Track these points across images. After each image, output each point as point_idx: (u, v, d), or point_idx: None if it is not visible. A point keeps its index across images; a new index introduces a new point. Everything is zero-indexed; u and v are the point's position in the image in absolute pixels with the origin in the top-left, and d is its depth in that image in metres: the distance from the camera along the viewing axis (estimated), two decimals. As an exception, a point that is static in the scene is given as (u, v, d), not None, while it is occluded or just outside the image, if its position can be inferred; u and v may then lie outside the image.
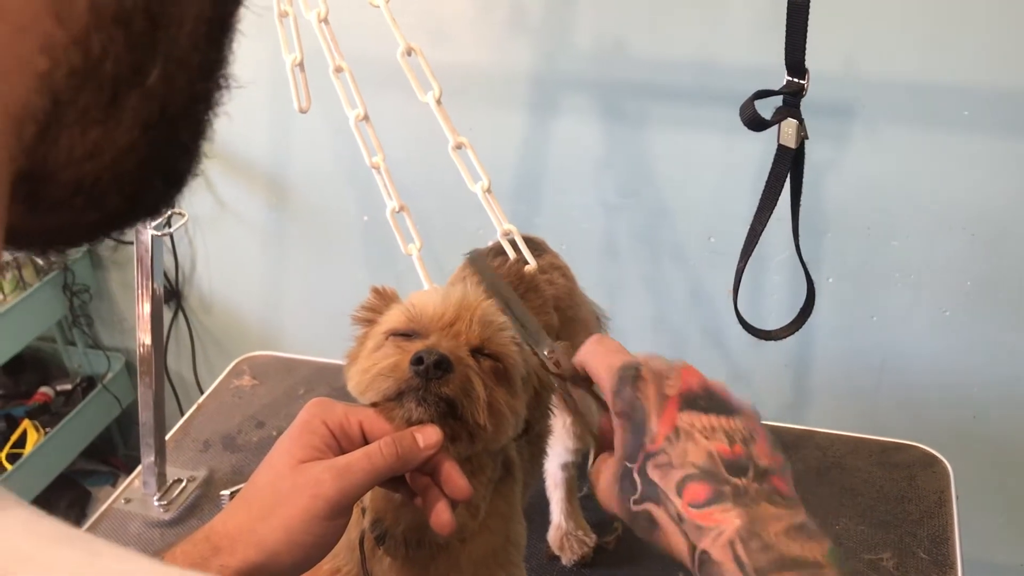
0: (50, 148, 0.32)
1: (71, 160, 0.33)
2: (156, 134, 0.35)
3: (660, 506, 0.61)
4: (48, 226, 0.36)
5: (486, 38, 1.72)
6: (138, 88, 0.33)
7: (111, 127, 0.33)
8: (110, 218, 0.37)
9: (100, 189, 0.35)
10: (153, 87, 0.33)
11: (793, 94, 0.95)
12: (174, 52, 0.33)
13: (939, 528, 1.26)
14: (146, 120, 0.34)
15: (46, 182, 0.33)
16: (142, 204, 0.38)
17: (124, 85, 0.32)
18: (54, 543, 0.28)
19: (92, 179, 0.34)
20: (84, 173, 0.34)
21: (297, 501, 0.65)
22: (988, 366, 1.75)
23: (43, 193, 0.34)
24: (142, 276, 1.24)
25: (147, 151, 0.35)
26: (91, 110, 0.32)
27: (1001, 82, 1.50)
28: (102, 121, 0.33)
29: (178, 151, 0.38)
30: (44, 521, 0.29)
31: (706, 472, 0.60)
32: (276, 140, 1.94)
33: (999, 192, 1.59)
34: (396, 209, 1.08)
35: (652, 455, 0.62)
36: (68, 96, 0.31)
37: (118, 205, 0.36)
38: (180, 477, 1.37)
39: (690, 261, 1.82)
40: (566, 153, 1.79)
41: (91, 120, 0.32)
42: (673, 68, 1.65)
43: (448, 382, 0.70)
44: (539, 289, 1.02)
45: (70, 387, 2.36)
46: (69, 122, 0.32)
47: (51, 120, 0.31)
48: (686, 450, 0.61)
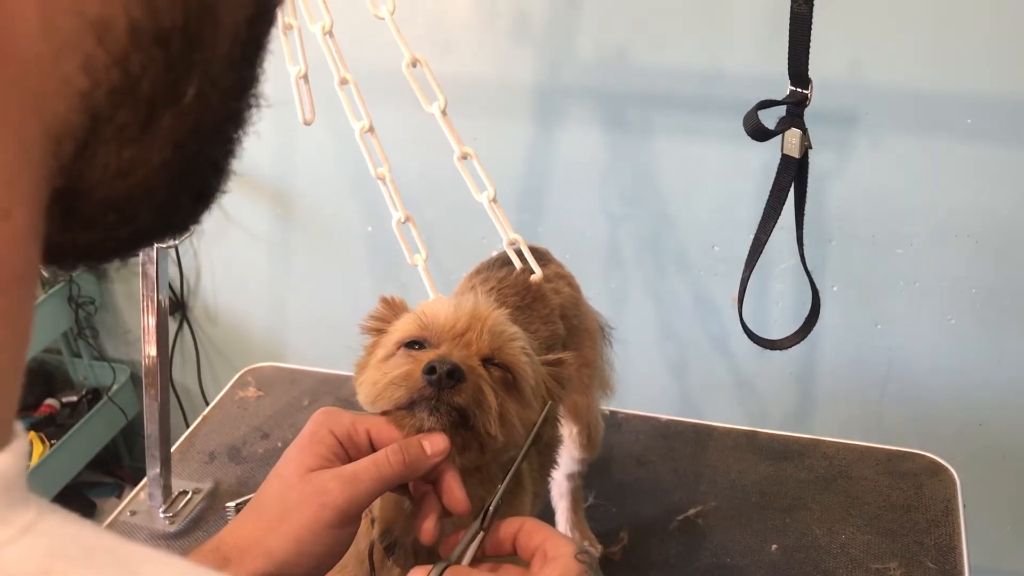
0: (86, 166, 0.33)
1: (105, 178, 0.34)
2: (188, 152, 0.35)
3: None
4: (80, 242, 0.36)
5: (490, 49, 1.73)
6: (174, 107, 0.33)
7: (146, 145, 0.34)
8: (140, 234, 0.38)
9: (132, 206, 0.35)
10: (188, 106, 0.34)
11: (796, 104, 0.95)
12: (209, 72, 0.34)
13: (946, 537, 1.26)
14: (179, 138, 0.34)
15: (81, 199, 0.34)
16: (172, 221, 0.39)
17: (160, 104, 0.33)
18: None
19: (125, 196, 0.35)
20: (117, 190, 0.34)
21: (306, 510, 0.65)
22: (994, 374, 1.75)
23: (77, 210, 0.34)
24: (147, 288, 1.24)
25: (179, 169, 0.36)
26: (128, 128, 0.33)
27: (1004, 90, 1.51)
28: (137, 139, 0.33)
29: (208, 169, 0.38)
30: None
31: None
32: (280, 152, 1.94)
33: (1003, 200, 1.59)
34: (402, 220, 1.08)
35: None
36: (106, 114, 0.32)
37: (149, 222, 0.37)
38: (185, 489, 1.37)
39: (694, 270, 1.82)
40: (570, 163, 1.79)
41: (127, 138, 0.33)
42: (676, 78, 1.66)
43: (460, 392, 0.70)
44: (545, 298, 1.03)
45: (75, 399, 2.37)
46: (106, 140, 0.32)
47: (89, 138, 0.32)
48: None
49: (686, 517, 1.30)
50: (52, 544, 0.28)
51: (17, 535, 0.28)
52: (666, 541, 1.27)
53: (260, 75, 0.37)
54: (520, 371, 0.76)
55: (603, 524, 1.30)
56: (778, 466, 1.39)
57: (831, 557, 1.23)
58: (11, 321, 0.30)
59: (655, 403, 1.61)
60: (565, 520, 1.25)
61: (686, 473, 1.39)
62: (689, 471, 1.39)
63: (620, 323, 1.35)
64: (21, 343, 0.31)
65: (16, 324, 0.31)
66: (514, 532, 0.69)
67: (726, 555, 1.24)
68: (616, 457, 1.41)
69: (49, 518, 0.29)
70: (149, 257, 1.23)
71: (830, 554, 1.23)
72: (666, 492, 1.34)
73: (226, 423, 1.52)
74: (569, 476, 1.24)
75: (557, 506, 1.26)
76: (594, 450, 1.23)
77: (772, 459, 1.41)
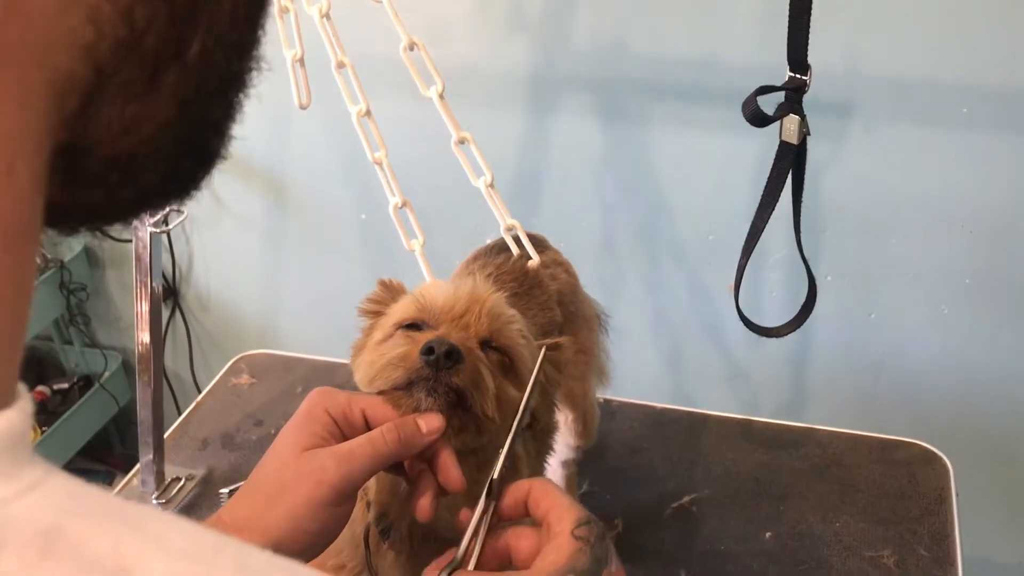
0: (90, 122, 0.33)
1: (109, 134, 0.33)
2: (192, 111, 0.35)
3: None
4: (82, 203, 0.36)
5: (484, 37, 1.72)
6: (178, 63, 0.33)
7: (150, 102, 0.33)
8: (143, 196, 0.37)
9: (135, 165, 0.35)
10: (192, 63, 0.34)
11: (795, 90, 0.95)
12: (214, 28, 0.34)
13: (939, 525, 1.26)
14: (183, 96, 0.34)
15: (84, 157, 0.34)
16: (174, 183, 0.39)
17: (165, 59, 0.33)
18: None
19: (128, 155, 0.34)
20: (121, 148, 0.34)
21: (301, 488, 0.65)
22: (987, 363, 1.75)
23: (80, 168, 0.34)
24: (140, 274, 1.24)
25: (182, 128, 0.35)
26: (132, 84, 0.32)
27: (1000, 80, 1.51)
28: (142, 95, 0.33)
29: (211, 130, 0.38)
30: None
31: None
32: (274, 138, 1.93)
33: (998, 190, 1.59)
34: (399, 204, 1.08)
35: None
36: (111, 68, 0.32)
37: (151, 183, 0.37)
38: (179, 476, 1.36)
39: (689, 259, 1.82)
40: (565, 152, 1.79)
41: (131, 94, 0.33)
42: (671, 66, 1.65)
43: (458, 372, 0.70)
44: (543, 285, 1.02)
45: (67, 386, 2.36)
46: (110, 95, 0.32)
47: (93, 92, 0.32)
48: None
49: (680, 505, 1.30)
50: (60, 501, 0.28)
51: (25, 490, 0.28)
52: (660, 528, 1.27)
53: (262, 37, 0.37)
54: (518, 354, 0.76)
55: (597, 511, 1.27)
56: (772, 454, 1.40)
57: (825, 545, 1.23)
58: (14, 278, 0.30)
59: (649, 392, 1.60)
60: (560, 507, 1.25)
61: (680, 461, 1.39)
62: (683, 459, 1.39)
63: (615, 312, 1.35)
64: (24, 301, 0.31)
65: (19, 281, 0.30)
66: (523, 497, 0.70)
67: (720, 542, 1.24)
68: (610, 445, 1.41)
69: (56, 477, 0.29)
70: (142, 243, 1.22)
71: (824, 542, 1.23)
72: (660, 480, 1.35)
73: (219, 410, 1.52)
74: (564, 463, 1.24)
75: (552, 493, 1.26)
76: (590, 438, 1.23)
77: (766, 447, 1.41)
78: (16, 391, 0.30)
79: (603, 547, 0.64)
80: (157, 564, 0.28)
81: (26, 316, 0.31)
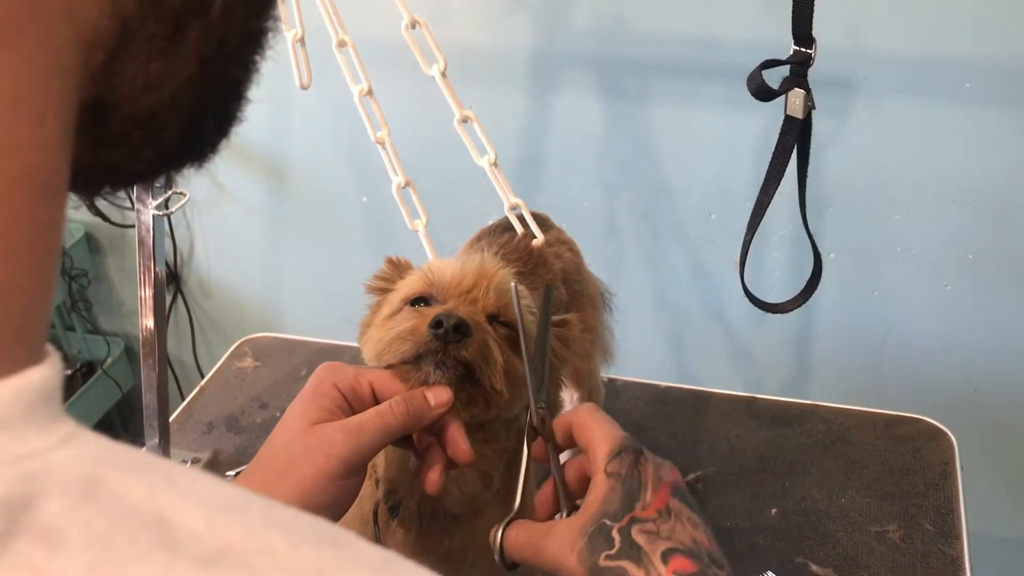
0: (116, 78, 0.33)
1: (133, 91, 0.33)
2: (213, 70, 0.35)
3: (639, 567, 0.61)
4: (103, 162, 0.36)
5: (484, 16, 1.71)
6: (200, 19, 0.33)
7: (172, 59, 0.34)
8: (163, 156, 0.38)
9: (158, 123, 0.35)
10: (215, 20, 0.34)
11: (800, 64, 0.95)
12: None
13: (944, 500, 1.27)
14: (205, 54, 0.34)
15: (108, 114, 0.34)
16: (194, 143, 0.39)
17: (188, 15, 0.33)
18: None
19: (151, 113, 0.35)
20: (144, 106, 0.34)
21: (311, 462, 0.66)
22: (991, 339, 1.75)
23: (104, 126, 0.34)
24: (143, 258, 1.23)
25: (203, 87, 0.36)
26: (156, 39, 0.33)
27: (1003, 54, 1.50)
28: (165, 52, 0.33)
29: (230, 90, 0.38)
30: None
31: (692, 552, 0.62)
32: (274, 122, 1.92)
33: (1001, 165, 1.59)
34: (402, 184, 1.07)
35: (640, 520, 0.63)
36: (136, 23, 0.32)
37: (173, 142, 0.37)
38: (184, 459, 1.37)
39: (691, 238, 1.81)
40: (566, 131, 1.78)
41: (155, 50, 0.33)
42: (673, 44, 1.64)
43: (466, 346, 0.71)
44: (547, 263, 1.02)
45: (70, 372, 2.35)
46: (134, 51, 0.32)
47: (119, 48, 0.32)
48: (674, 528, 0.63)
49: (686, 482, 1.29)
50: (95, 453, 0.29)
51: (60, 442, 0.28)
52: (666, 506, 1.27)
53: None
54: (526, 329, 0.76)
55: (603, 490, 1.30)
56: (777, 431, 1.40)
57: (830, 520, 1.23)
58: (45, 232, 0.30)
59: (652, 372, 1.60)
60: (566, 486, 1.25)
61: (685, 439, 1.39)
62: (688, 437, 1.39)
63: (618, 292, 1.35)
64: (54, 257, 0.31)
65: (50, 236, 0.31)
66: (569, 431, 0.71)
67: (726, 518, 1.24)
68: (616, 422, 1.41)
69: (86, 432, 0.30)
70: (145, 226, 1.22)
71: (829, 517, 1.24)
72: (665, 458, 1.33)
73: (224, 393, 1.52)
74: (570, 442, 1.24)
75: (558, 472, 1.26)
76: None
77: (771, 424, 1.41)
78: (46, 348, 0.31)
79: (635, 479, 0.64)
80: (193, 513, 0.28)
81: (55, 272, 0.32)
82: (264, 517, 0.29)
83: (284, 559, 0.28)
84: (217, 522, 0.28)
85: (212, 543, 0.27)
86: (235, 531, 0.28)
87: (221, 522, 0.28)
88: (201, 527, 0.28)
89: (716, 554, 0.63)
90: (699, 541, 0.63)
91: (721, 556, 0.63)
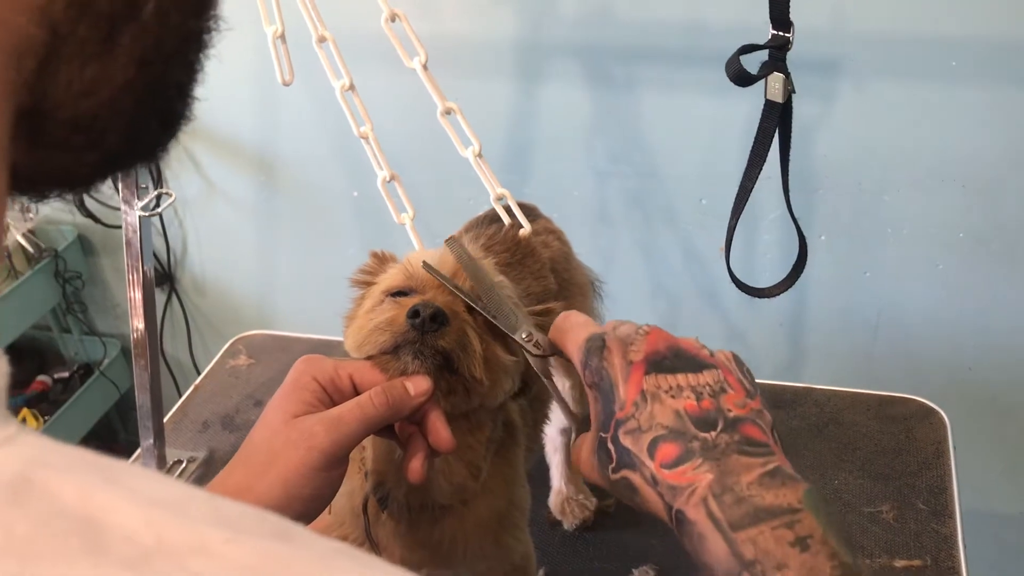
0: (49, 83, 0.33)
1: (69, 96, 0.34)
2: (151, 72, 0.35)
3: (636, 471, 0.60)
4: (48, 166, 0.36)
5: (470, 7, 1.71)
6: (134, 22, 0.33)
7: (108, 63, 0.34)
8: (109, 159, 0.38)
9: (99, 127, 0.35)
10: (148, 22, 0.34)
11: (779, 48, 0.95)
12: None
13: (937, 479, 1.27)
14: (141, 57, 0.34)
15: (46, 119, 0.34)
16: (139, 145, 0.39)
17: (119, 19, 0.33)
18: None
19: (90, 116, 0.35)
20: (82, 110, 0.34)
21: (292, 455, 0.66)
22: (982, 317, 1.75)
23: (43, 131, 0.34)
24: (131, 259, 1.23)
25: (143, 89, 0.36)
26: (88, 44, 0.33)
27: (988, 32, 1.50)
28: (99, 56, 0.33)
29: (172, 91, 0.38)
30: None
31: (675, 431, 0.59)
32: (263, 118, 1.92)
33: (989, 143, 1.59)
34: (387, 178, 1.07)
35: (622, 422, 0.61)
36: (66, 29, 0.32)
37: (116, 145, 0.37)
38: (180, 458, 1.37)
39: (682, 224, 1.82)
40: (555, 121, 1.78)
41: (89, 55, 0.33)
42: (659, 30, 1.64)
43: (444, 335, 0.71)
44: (535, 253, 1.02)
45: (67, 374, 2.36)
46: (67, 56, 0.33)
47: (50, 54, 0.32)
48: (653, 412, 0.60)
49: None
50: (30, 454, 0.29)
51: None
52: (660, 492, 1.27)
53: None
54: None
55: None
56: (770, 414, 1.40)
57: (824, 502, 1.24)
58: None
59: (646, 358, 1.61)
60: (560, 475, 1.26)
61: (679, 425, 1.39)
62: (682, 423, 1.39)
63: (610, 280, 1.35)
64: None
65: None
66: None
67: None
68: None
69: (29, 434, 0.29)
70: (132, 228, 1.22)
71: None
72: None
73: (218, 392, 1.52)
74: (563, 430, 1.24)
75: (551, 460, 1.27)
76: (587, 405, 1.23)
77: (764, 408, 1.41)
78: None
79: (606, 380, 0.63)
80: (130, 512, 0.28)
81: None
82: (206, 513, 0.29)
83: (220, 555, 0.28)
84: (154, 520, 0.28)
85: (145, 543, 0.27)
86: (171, 529, 0.28)
87: (158, 520, 0.28)
88: (136, 526, 0.27)
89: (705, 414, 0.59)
90: (682, 411, 0.59)
91: (714, 410, 0.59)
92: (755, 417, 0.60)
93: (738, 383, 0.62)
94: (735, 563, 0.54)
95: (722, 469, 0.57)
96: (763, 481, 0.56)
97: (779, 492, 0.56)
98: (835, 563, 0.53)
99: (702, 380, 0.61)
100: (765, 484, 0.56)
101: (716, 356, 0.64)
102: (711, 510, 0.56)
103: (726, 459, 0.57)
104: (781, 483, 0.56)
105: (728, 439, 0.58)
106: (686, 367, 0.62)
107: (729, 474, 0.57)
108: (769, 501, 0.55)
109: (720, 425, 0.59)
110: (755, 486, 0.56)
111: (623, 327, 0.66)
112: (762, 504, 0.55)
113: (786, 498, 0.55)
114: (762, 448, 0.59)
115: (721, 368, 0.62)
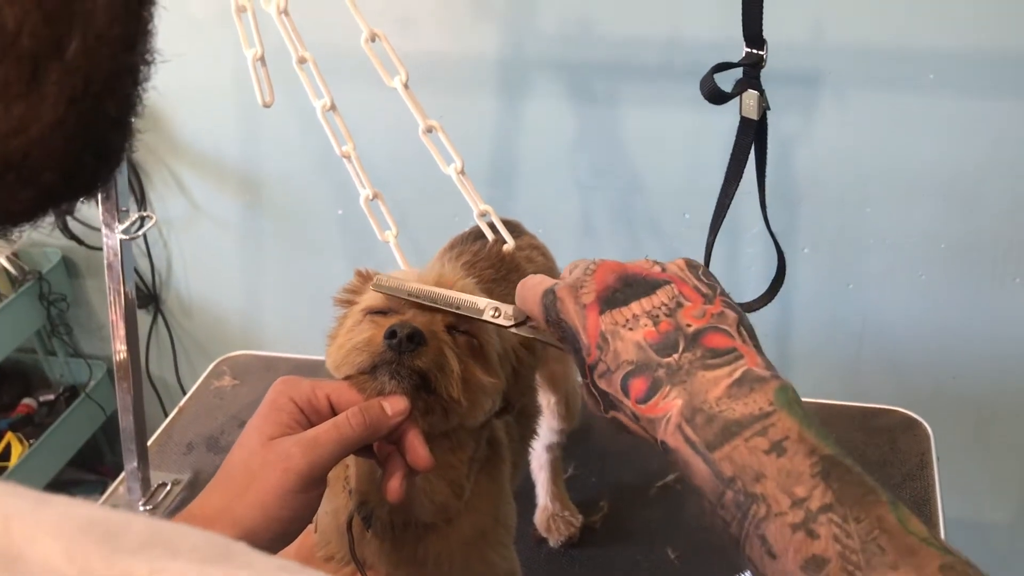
0: None
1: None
2: (83, 108, 0.35)
3: (619, 412, 0.60)
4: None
5: (451, 24, 1.72)
6: (58, 61, 0.33)
7: (35, 102, 0.34)
8: (47, 195, 0.37)
9: (31, 165, 0.35)
10: (74, 60, 0.34)
11: (753, 65, 0.95)
12: (92, 25, 0.34)
13: (921, 490, 1.28)
14: (71, 94, 0.34)
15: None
16: (77, 180, 0.38)
17: (44, 59, 0.33)
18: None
19: (21, 155, 0.35)
20: (12, 149, 0.34)
21: (269, 477, 0.66)
22: (966, 327, 1.77)
23: None
24: (113, 281, 1.23)
25: (75, 126, 0.35)
26: (12, 84, 0.33)
27: (965, 44, 1.51)
28: (24, 95, 0.33)
29: (108, 126, 0.38)
30: None
31: (640, 364, 0.58)
32: (246, 138, 1.92)
33: (968, 153, 1.60)
34: (370, 197, 1.07)
35: (593, 367, 0.61)
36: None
37: (53, 182, 0.37)
38: (165, 481, 1.37)
39: (666, 237, 1.82)
40: (538, 136, 1.79)
41: (13, 95, 0.33)
42: (640, 46, 1.65)
43: (421, 355, 0.71)
44: (520, 269, 1.03)
45: (53, 397, 2.35)
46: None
47: None
48: (616, 350, 0.59)
49: (665, 483, 1.31)
50: None
51: None
52: (646, 508, 1.28)
53: (150, 28, 0.37)
54: (485, 337, 0.76)
55: (584, 494, 1.30)
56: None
57: (810, 514, 1.24)
58: None
59: (632, 372, 1.61)
60: (545, 492, 1.26)
61: (665, 439, 1.39)
62: (668, 437, 1.40)
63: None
64: None
65: None
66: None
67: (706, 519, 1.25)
68: (594, 426, 1.41)
69: None
70: (112, 251, 1.21)
71: (809, 511, 1.24)
72: (645, 459, 1.35)
73: (203, 413, 1.52)
74: (548, 447, 1.24)
75: (537, 477, 1.26)
76: (573, 420, 1.23)
77: (749, 421, 1.42)
78: None
79: (568, 331, 0.62)
80: (50, 545, 0.27)
81: None
82: (138, 541, 0.29)
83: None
84: (75, 554, 0.27)
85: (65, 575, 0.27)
86: (93, 561, 0.27)
87: (79, 553, 0.27)
88: (56, 561, 0.27)
89: (665, 337, 0.58)
90: (642, 342, 0.58)
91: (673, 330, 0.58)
92: (716, 323, 0.59)
93: (694, 291, 0.61)
94: (718, 483, 0.54)
95: (690, 391, 0.56)
96: (731, 392, 0.55)
97: (748, 399, 0.55)
98: (814, 459, 0.53)
99: (656, 302, 0.60)
100: (733, 395, 0.55)
101: (668, 269, 0.63)
102: (687, 435, 0.55)
103: (692, 379, 0.57)
104: (749, 389, 0.55)
105: (691, 357, 0.57)
106: (638, 293, 0.61)
107: (697, 394, 0.56)
108: (740, 412, 0.54)
109: (681, 345, 0.58)
110: (724, 400, 0.55)
111: (576, 270, 0.65)
112: (732, 417, 0.54)
113: (756, 403, 0.55)
114: (727, 355, 0.57)
115: (675, 281, 0.61)
